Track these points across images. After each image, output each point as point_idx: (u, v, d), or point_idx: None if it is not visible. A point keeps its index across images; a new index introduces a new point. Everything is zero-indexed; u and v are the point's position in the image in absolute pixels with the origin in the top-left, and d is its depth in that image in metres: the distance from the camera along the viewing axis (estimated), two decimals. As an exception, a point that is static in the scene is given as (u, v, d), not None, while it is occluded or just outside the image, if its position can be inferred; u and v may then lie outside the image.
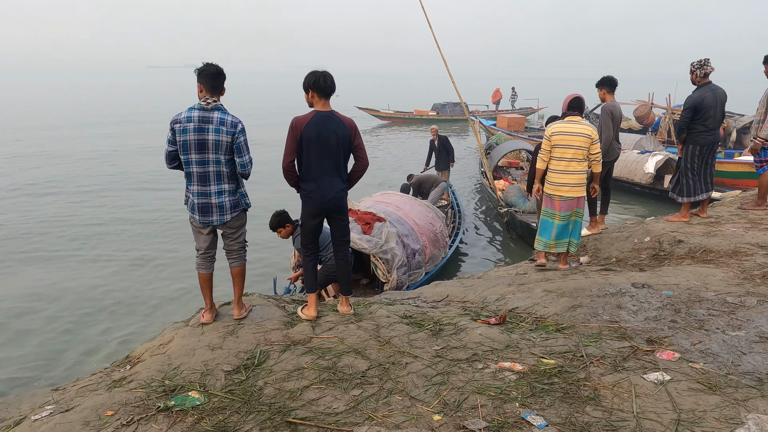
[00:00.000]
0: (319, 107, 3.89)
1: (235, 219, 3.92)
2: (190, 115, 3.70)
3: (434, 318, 4.16)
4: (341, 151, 3.91)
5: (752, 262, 4.98)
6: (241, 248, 4.04)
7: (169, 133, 3.73)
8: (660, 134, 19.62)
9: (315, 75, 3.87)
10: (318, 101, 3.89)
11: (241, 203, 3.95)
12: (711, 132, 6.20)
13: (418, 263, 7.68)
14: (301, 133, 3.82)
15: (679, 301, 4.14)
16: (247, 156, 3.84)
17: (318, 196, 3.93)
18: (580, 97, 5.50)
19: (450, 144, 12.97)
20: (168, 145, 3.77)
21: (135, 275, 8.48)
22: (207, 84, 3.70)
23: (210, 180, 3.78)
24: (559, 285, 4.76)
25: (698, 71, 6.15)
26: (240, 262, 4.05)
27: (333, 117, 3.88)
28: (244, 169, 3.86)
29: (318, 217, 4.07)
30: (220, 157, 3.75)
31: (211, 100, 3.73)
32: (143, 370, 3.47)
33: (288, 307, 4.45)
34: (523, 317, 4.18)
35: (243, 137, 3.80)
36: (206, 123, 3.70)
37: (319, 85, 3.84)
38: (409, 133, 28.33)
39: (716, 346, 3.40)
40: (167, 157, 3.81)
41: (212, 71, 3.73)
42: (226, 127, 3.72)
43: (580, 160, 5.31)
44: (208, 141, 3.70)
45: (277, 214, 5.59)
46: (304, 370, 3.32)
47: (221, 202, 3.83)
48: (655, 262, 5.61)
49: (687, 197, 6.38)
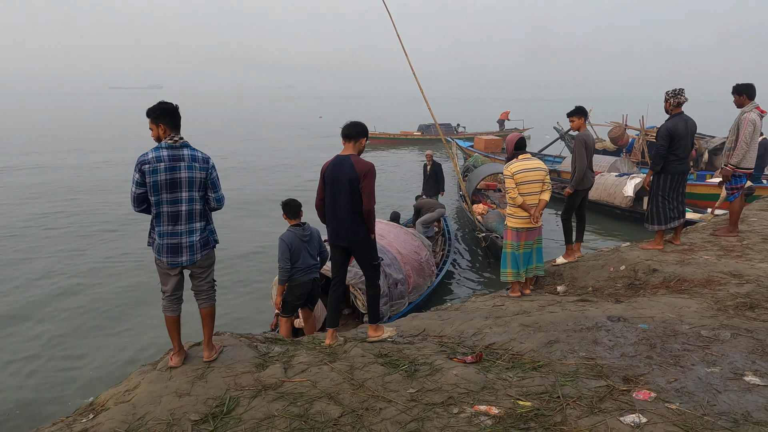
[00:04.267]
0: (343, 151, 4.40)
1: (204, 258, 3.84)
2: (159, 154, 3.62)
3: (410, 357, 4.09)
4: (352, 192, 4.26)
5: (725, 292, 5.02)
6: (210, 288, 3.94)
7: (136, 175, 3.63)
8: (634, 155, 19.96)
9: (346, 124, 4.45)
10: (344, 144, 4.42)
11: (210, 241, 3.89)
12: (682, 161, 6.29)
13: (400, 293, 7.61)
14: (324, 175, 4.38)
15: (655, 335, 4.13)
16: (220, 191, 3.86)
17: (331, 232, 4.45)
18: (523, 137, 5.83)
19: (441, 172, 12.95)
20: (136, 188, 3.66)
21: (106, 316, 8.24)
22: (170, 122, 3.66)
23: (181, 219, 3.70)
24: (535, 319, 4.73)
25: (672, 100, 6.27)
26: (209, 303, 3.95)
27: (347, 160, 4.29)
28: (220, 203, 3.86)
29: (335, 250, 4.53)
30: (194, 194, 3.70)
31: (178, 138, 3.68)
32: (106, 420, 3.32)
33: (260, 346, 4.34)
34: (500, 354, 4.13)
35: (215, 172, 3.82)
36: (177, 161, 3.63)
37: (343, 131, 4.39)
38: (397, 155, 28.42)
39: (692, 383, 3.38)
40: (135, 200, 3.69)
41: (172, 108, 3.69)
42: (198, 164, 3.69)
43: (536, 192, 5.59)
44: (181, 179, 3.64)
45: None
46: (275, 419, 3.21)
47: (191, 242, 3.74)
48: (631, 292, 5.63)
49: (659, 225, 6.44)
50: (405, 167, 23.77)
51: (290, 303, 5.69)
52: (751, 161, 6.60)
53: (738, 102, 6.60)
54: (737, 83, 6.69)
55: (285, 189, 17.87)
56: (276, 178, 20.59)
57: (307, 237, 5.59)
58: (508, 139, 5.82)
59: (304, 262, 5.56)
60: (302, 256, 5.55)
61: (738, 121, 6.53)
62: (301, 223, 5.65)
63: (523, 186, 5.52)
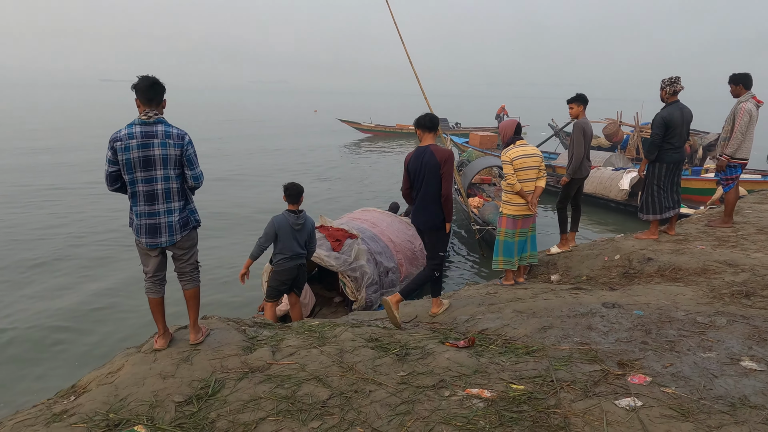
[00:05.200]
0: (423, 142, 4.72)
1: (185, 239, 3.71)
2: (132, 131, 3.48)
3: (401, 341, 4.01)
4: (434, 178, 4.59)
5: (720, 280, 4.97)
6: (193, 269, 3.83)
7: (108, 153, 3.50)
8: (629, 151, 19.96)
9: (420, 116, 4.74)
10: (421, 136, 4.74)
11: (191, 221, 3.74)
12: (677, 150, 6.23)
13: (391, 281, 7.53)
14: (407, 166, 4.74)
15: (650, 321, 4.06)
16: (198, 167, 3.68)
17: (413, 216, 4.85)
18: (519, 123, 5.73)
19: None
20: (108, 166, 3.53)
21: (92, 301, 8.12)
22: (143, 97, 3.50)
23: (158, 199, 3.56)
24: (529, 305, 4.66)
25: (668, 88, 6.20)
26: (193, 284, 3.84)
27: (427, 150, 4.62)
28: (197, 181, 3.68)
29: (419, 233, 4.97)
30: (169, 172, 3.55)
31: (152, 113, 3.52)
32: (87, 402, 3.22)
33: (249, 330, 4.25)
34: (493, 339, 4.06)
35: (192, 149, 3.63)
36: (150, 138, 3.48)
37: (422, 123, 4.68)
38: (392, 147, 28.33)
39: (687, 368, 3.31)
40: (108, 178, 3.57)
41: (147, 83, 3.51)
42: (173, 140, 3.52)
43: (533, 179, 5.51)
44: (155, 156, 3.49)
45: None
46: (261, 401, 3.12)
47: (170, 222, 3.61)
48: (625, 281, 5.57)
49: (654, 215, 6.39)
50: (401, 159, 23.67)
51: (274, 288, 5.60)
52: (747, 151, 6.55)
53: (734, 92, 6.55)
54: (734, 73, 6.63)
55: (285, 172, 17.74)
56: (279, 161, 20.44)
57: (299, 226, 5.48)
58: (505, 125, 5.71)
59: (290, 249, 5.46)
60: (289, 242, 5.44)
61: (734, 111, 6.48)
62: (297, 210, 5.54)
63: (520, 172, 5.43)
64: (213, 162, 20.34)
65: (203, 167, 3.82)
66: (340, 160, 23.63)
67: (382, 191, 16.37)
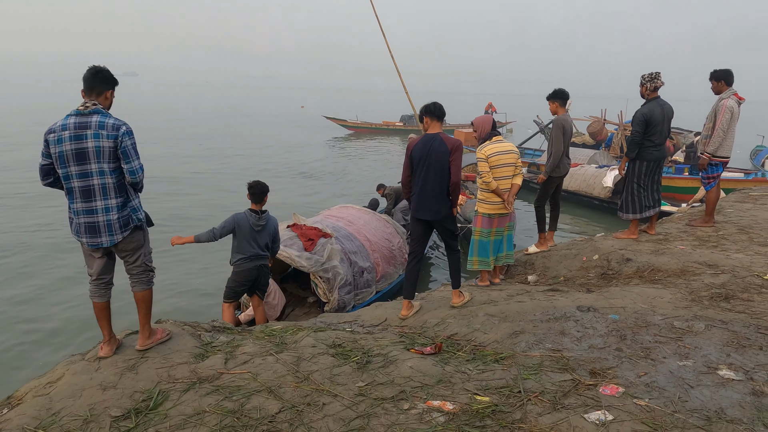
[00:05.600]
0: (431, 129, 4.55)
1: (128, 240, 3.43)
2: (66, 122, 3.23)
3: (364, 347, 3.79)
4: (442, 167, 4.41)
5: (700, 282, 4.81)
6: (141, 272, 3.56)
7: (43, 145, 3.26)
8: (613, 149, 19.90)
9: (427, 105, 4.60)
10: (429, 124, 4.57)
11: (133, 220, 3.42)
12: (658, 147, 6.07)
13: (366, 282, 7.31)
14: (411, 153, 4.50)
15: (626, 326, 3.88)
16: (136, 162, 3.33)
17: (416, 207, 4.57)
18: (493, 119, 5.51)
19: None
20: (42, 158, 3.28)
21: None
22: (85, 86, 3.27)
23: (95, 195, 3.30)
24: (502, 308, 4.46)
25: (649, 84, 6.02)
26: (142, 287, 3.58)
27: (436, 137, 4.45)
28: (135, 176, 3.34)
29: (418, 224, 4.68)
30: (103, 166, 3.26)
31: (90, 103, 3.26)
32: (16, 416, 2.96)
33: (204, 335, 4.00)
34: (461, 345, 3.85)
35: (129, 140, 3.29)
36: (84, 129, 3.21)
37: (431, 111, 4.52)
38: (377, 144, 28.09)
39: (662, 378, 3.13)
40: (41, 171, 3.32)
41: (90, 72, 3.28)
42: (106, 131, 3.23)
43: (509, 176, 5.30)
44: (88, 149, 3.22)
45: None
46: (205, 415, 2.89)
47: (109, 221, 3.33)
48: (603, 282, 5.40)
49: (634, 214, 6.22)
50: (386, 156, 23.43)
51: (232, 288, 5.36)
52: (728, 149, 6.41)
53: (716, 88, 6.40)
54: (715, 69, 6.48)
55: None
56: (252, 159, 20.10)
57: (260, 227, 5.23)
58: (480, 120, 5.50)
59: (248, 249, 5.22)
60: (247, 243, 5.20)
61: (715, 108, 6.33)
62: (260, 211, 5.29)
63: (496, 170, 5.21)
64: (194, 159, 19.97)
65: (184, 165, 3.57)
66: (324, 156, 23.34)
67: (363, 188, 16.13)
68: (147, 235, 3.62)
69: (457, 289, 4.83)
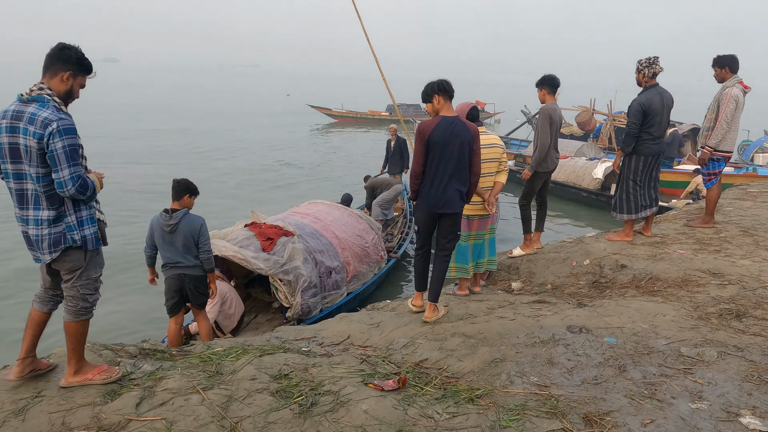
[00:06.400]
0: (445, 111, 3.90)
1: (61, 261, 2.79)
2: (7, 108, 2.67)
3: (315, 379, 3.16)
4: (465, 155, 3.87)
5: (705, 295, 4.24)
6: (74, 298, 2.87)
7: None
8: (601, 140, 19.44)
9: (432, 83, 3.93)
10: (441, 105, 3.90)
11: (66, 239, 2.76)
12: (656, 141, 5.48)
13: (335, 283, 6.67)
14: (428, 139, 3.81)
15: (624, 353, 3.30)
16: (65, 171, 2.62)
17: (430, 200, 3.94)
18: (476, 106, 4.83)
19: (407, 147, 11.94)
20: None
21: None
22: (43, 66, 2.74)
23: (28, 202, 2.72)
24: (481, 327, 3.84)
25: (646, 70, 5.41)
26: (71, 317, 2.89)
27: (458, 121, 3.85)
28: (62, 189, 2.65)
29: (429, 219, 4.05)
30: (31, 170, 2.66)
31: (36, 87, 2.68)
32: None
33: (125, 363, 3.33)
34: (431, 376, 3.24)
35: (59, 142, 2.60)
36: (18, 120, 2.63)
37: (443, 87, 3.88)
38: (361, 134, 27.36)
39: (673, 427, 2.54)
40: None
41: (55, 47, 2.74)
42: (34, 127, 2.59)
43: (492, 173, 4.68)
44: (20, 146, 2.64)
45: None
46: (93, 485, 2.24)
47: (37, 236, 2.74)
48: (596, 292, 4.82)
49: (629, 214, 5.64)
50: (372, 146, 22.70)
51: (166, 300, 4.69)
52: (731, 143, 5.84)
53: (719, 76, 5.81)
54: (718, 54, 5.89)
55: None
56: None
57: (170, 227, 4.46)
58: (458, 108, 4.87)
59: (165, 256, 4.54)
60: (163, 249, 4.52)
61: (718, 98, 5.74)
62: (170, 210, 4.53)
63: None
64: (175, 146, 19.13)
65: (165, 156, 2.91)
66: (305, 146, 22.57)
67: (344, 180, 15.46)
68: (93, 258, 2.91)
69: (433, 302, 4.18)
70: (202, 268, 4.63)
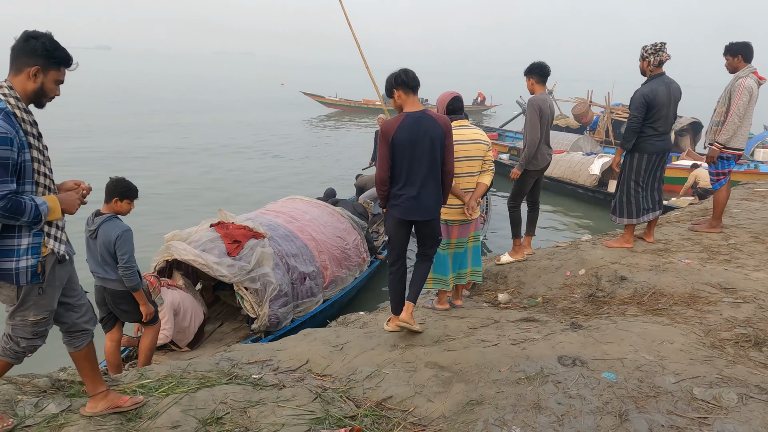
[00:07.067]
0: (411, 106, 3.47)
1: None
2: None
3: (251, 428, 2.60)
4: (436, 153, 3.46)
5: (717, 316, 3.69)
6: (9, 341, 2.42)
7: None
8: (598, 133, 18.90)
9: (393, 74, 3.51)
10: (404, 100, 3.49)
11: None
12: (662, 137, 4.91)
13: (309, 290, 6.12)
14: (393, 139, 3.40)
15: (626, 395, 2.75)
16: None
17: (405, 207, 3.49)
18: (459, 97, 4.28)
19: None
20: None
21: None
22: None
23: None
24: (457, 356, 3.29)
25: (652, 58, 4.83)
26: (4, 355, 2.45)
27: (425, 116, 3.43)
28: None
29: (402, 227, 3.60)
30: None
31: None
32: None
33: (24, 402, 2.75)
34: (392, 422, 2.68)
35: None
36: None
37: (403, 80, 3.45)
38: (355, 124, 26.72)
39: (689, 507, 1.99)
40: None
41: (20, 37, 2.26)
42: None
43: (475, 173, 4.10)
44: None
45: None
46: None
47: None
48: (592, 308, 4.27)
49: (630, 218, 5.08)
50: (365, 137, 22.06)
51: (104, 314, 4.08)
52: (743, 140, 5.28)
53: (731, 65, 5.24)
54: (731, 42, 5.32)
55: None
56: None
57: (90, 233, 3.85)
58: (439, 98, 4.31)
59: (89, 263, 3.94)
60: (87, 254, 3.91)
61: (730, 89, 5.18)
62: (95, 213, 3.91)
63: (457, 163, 3.95)
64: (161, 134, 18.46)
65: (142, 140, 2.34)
66: (295, 136, 21.92)
67: (332, 172, 14.87)
68: (32, 296, 2.35)
69: (412, 302, 3.68)
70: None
